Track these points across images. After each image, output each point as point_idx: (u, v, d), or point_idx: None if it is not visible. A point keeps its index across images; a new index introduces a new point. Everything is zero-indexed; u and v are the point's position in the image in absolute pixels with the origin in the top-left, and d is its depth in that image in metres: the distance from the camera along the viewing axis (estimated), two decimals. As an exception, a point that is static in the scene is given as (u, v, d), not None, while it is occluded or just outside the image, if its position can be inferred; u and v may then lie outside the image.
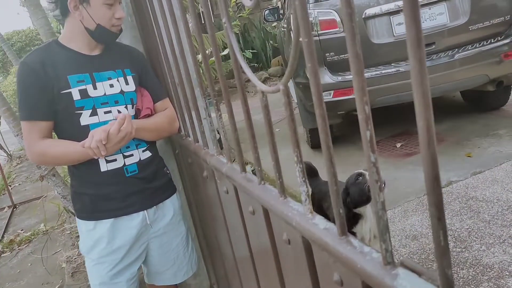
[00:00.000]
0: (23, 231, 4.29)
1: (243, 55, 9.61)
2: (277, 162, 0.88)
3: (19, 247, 3.91)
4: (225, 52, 6.00)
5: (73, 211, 2.68)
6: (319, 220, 0.77)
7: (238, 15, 10.11)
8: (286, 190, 0.90)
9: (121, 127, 1.38)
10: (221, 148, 1.27)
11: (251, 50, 9.65)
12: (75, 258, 2.80)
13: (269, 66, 9.73)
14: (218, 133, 2.27)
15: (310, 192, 0.80)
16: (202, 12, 1.19)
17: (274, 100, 2.01)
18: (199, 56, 3.85)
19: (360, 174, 2.02)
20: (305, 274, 0.86)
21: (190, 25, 1.75)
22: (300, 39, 0.63)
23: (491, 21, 3.42)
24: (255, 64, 9.89)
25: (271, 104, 1.01)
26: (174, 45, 1.38)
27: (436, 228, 0.47)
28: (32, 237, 4.02)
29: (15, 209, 5.19)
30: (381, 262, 0.61)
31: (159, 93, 1.64)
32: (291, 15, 3.81)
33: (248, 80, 6.95)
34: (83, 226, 1.55)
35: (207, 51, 1.39)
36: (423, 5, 3.39)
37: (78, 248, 2.87)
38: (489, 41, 3.44)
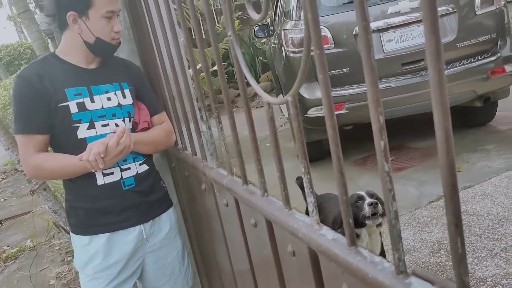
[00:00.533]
0: (9, 247, 4.20)
1: (232, 70, 9.69)
2: (282, 173, 0.88)
3: (5, 264, 3.82)
4: (214, 68, 6.03)
5: (64, 226, 2.64)
6: (327, 231, 0.77)
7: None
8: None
9: (120, 140, 1.37)
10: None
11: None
12: (65, 274, 2.74)
13: (259, 81, 9.81)
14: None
15: (316, 204, 0.81)
16: (192, 28, 1.21)
17: (261, 116, 2.03)
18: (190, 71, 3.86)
19: (361, 198, 2.02)
20: (310, 286, 0.86)
21: (181, 40, 1.77)
22: (312, 53, 0.64)
23: (478, 39, 3.51)
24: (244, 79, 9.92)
25: (259, 119, 1.02)
26: (173, 58, 1.39)
27: (453, 235, 0.48)
28: (19, 253, 3.93)
29: (0, 225, 5.09)
30: (393, 272, 0.61)
31: (156, 107, 1.64)
32: (282, 31, 3.87)
33: (238, 95, 6.97)
34: (78, 241, 1.53)
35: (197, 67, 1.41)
36: (413, 23, 3.47)
37: (68, 264, 2.81)
38: (476, 58, 3.53)
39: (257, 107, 8.44)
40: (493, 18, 3.51)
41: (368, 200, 1.99)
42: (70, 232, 1.57)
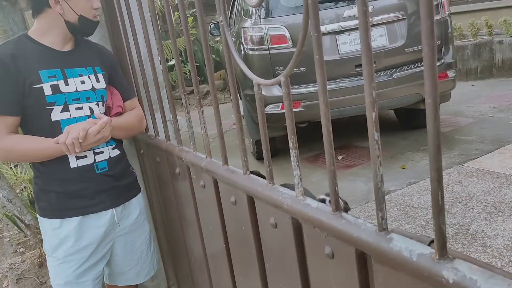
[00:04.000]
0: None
1: (185, 67, 9.63)
2: (267, 151, 0.95)
3: None
4: (171, 62, 6.01)
5: (19, 215, 2.56)
6: (311, 200, 0.85)
7: (181, 28, 10.12)
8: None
9: (100, 130, 1.39)
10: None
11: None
12: (18, 265, 2.65)
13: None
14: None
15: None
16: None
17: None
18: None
19: (323, 201, 2.10)
20: (291, 254, 0.93)
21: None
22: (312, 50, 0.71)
23: (424, 45, 3.75)
24: (197, 78, 9.90)
25: (211, 117, 1.10)
26: (150, 45, 1.43)
27: (436, 189, 0.57)
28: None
29: None
30: (376, 230, 0.70)
31: (129, 92, 1.66)
32: (241, 29, 3.94)
33: (191, 93, 6.91)
34: (48, 225, 1.51)
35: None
36: (365, 27, 3.65)
37: (21, 255, 2.73)
38: (422, 63, 3.77)
39: (209, 105, 8.46)
40: (438, 26, 3.77)
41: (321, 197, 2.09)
42: (39, 216, 1.55)
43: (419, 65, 3.73)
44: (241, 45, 3.95)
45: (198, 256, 1.54)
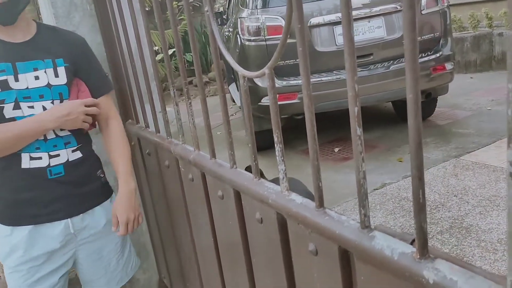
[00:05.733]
0: None
1: (183, 57, 9.59)
2: (253, 145, 0.93)
3: None
4: (170, 52, 5.96)
5: None
6: (296, 196, 0.84)
7: (179, 18, 10.06)
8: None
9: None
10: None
11: (191, 54, 9.60)
12: None
13: (209, 70, 9.75)
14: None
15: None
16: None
17: (213, 105, 2.07)
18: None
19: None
20: (276, 250, 0.92)
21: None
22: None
23: (422, 37, 3.73)
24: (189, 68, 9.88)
25: (211, 108, 1.08)
26: (140, 36, 1.40)
27: (416, 187, 0.56)
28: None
29: None
30: (358, 227, 0.69)
31: (101, 88, 1.50)
32: (238, 20, 3.90)
33: (189, 83, 6.81)
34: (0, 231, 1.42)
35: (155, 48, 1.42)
36: (363, 18, 3.62)
37: None
38: (420, 55, 3.74)
39: (207, 96, 8.42)
40: (437, 18, 3.74)
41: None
42: None
43: (416, 57, 3.70)
44: (237, 35, 3.91)
45: (187, 250, 1.53)
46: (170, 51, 5.88)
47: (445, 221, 2.67)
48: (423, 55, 3.76)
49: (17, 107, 1.32)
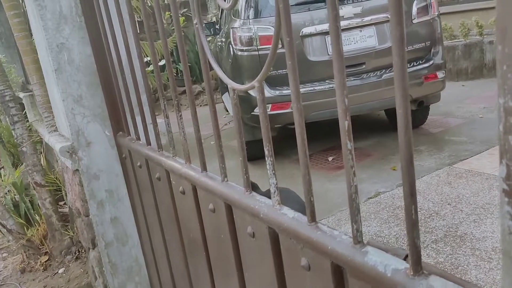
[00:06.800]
0: None
1: (177, 67, 9.58)
2: (244, 158, 0.92)
3: None
4: (161, 63, 5.96)
5: (0, 220, 2.51)
6: (287, 210, 0.82)
7: (172, 28, 10.07)
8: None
9: None
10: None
11: (184, 64, 9.57)
12: (0, 271, 2.60)
13: (203, 80, 9.76)
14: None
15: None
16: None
17: (206, 114, 2.07)
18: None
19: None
20: (269, 265, 0.90)
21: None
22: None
23: (414, 46, 3.75)
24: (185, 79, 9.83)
25: (203, 118, 1.07)
26: (130, 48, 1.39)
27: (409, 204, 0.55)
28: None
29: None
30: (351, 242, 0.68)
31: None
32: (231, 30, 3.91)
33: (183, 93, 6.81)
34: None
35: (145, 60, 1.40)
36: (355, 27, 3.64)
37: (3, 260, 2.67)
38: (412, 64, 3.76)
39: (201, 105, 8.42)
40: (427, 27, 3.76)
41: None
42: None
43: (408, 66, 3.71)
44: (230, 45, 3.91)
45: (179, 263, 1.50)
46: (162, 62, 5.88)
47: (439, 230, 2.66)
48: (414, 64, 3.78)
49: None
